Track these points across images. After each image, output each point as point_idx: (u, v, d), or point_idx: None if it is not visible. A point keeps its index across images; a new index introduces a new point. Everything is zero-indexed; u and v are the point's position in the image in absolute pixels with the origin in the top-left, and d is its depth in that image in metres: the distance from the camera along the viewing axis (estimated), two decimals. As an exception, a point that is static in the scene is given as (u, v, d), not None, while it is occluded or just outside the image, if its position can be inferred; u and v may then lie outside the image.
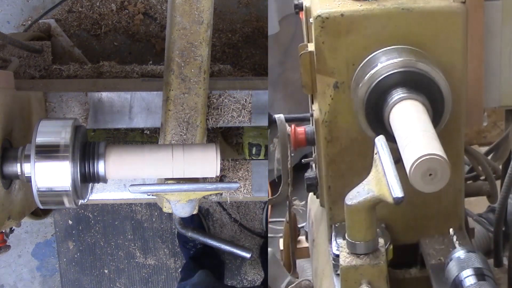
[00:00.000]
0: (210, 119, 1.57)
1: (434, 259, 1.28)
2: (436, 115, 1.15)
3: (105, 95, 1.57)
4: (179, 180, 1.21)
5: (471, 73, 1.22)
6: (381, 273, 1.14)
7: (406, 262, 1.37)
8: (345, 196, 1.11)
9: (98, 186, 1.72)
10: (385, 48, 1.17)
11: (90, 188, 1.26)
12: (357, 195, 1.09)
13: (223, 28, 2.58)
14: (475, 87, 1.23)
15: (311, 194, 1.77)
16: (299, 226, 1.99)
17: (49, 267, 2.64)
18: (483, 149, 1.61)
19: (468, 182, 1.51)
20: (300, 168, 1.64)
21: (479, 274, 1.08)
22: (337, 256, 1.21)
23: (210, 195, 1.66)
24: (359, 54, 1.18)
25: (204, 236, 1.54)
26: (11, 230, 1.39)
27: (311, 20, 1.21)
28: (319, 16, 1.17)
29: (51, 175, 1.09)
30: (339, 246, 1.22)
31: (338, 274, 1.21)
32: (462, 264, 1.11)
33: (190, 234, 1.50)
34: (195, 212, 1.53)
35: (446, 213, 1.34)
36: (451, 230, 1.24)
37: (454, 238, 1.21)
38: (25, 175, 1.15)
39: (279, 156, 1.45)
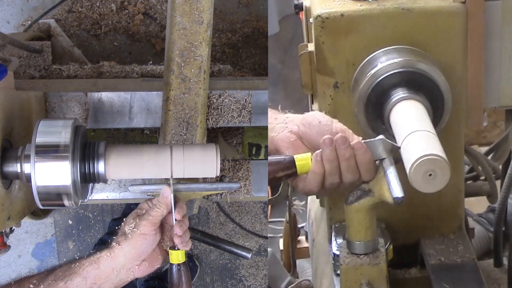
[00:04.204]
0: (210, 119, 1.57)
1: (434, 259, 1.28)
2: (436, 115, 1.15)
3: (105, 95, 1.57)
4: (179, 180, 1.21)
5: (471, 73, 1.21)
6: (381, 273, 1.14)
7: (406, 262, 1.37)
8: (345, 196, 1.11)
9: (98, 186, 1.72)
10: (385, 48, 1.17)
11: (90, 188, 1.26)
12: (357, 195, 1.09)
13: (223, 28, 2.58)
14: (475, 87, 1.23)
15: (311, 194, 1.77)
16: (299, 226, 1.99)
17: (49, 267, 2.64)
18: (483, 149, 1.61)
19: (468, 182, 1.51)
20: (300, 168, 1.63)
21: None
22: (337, 256, 1.21)
23: (211, 195, 1.66)
24: (359, 54, 1.18)
25: (204, 236, 1.54)
26: (11, 230, 1.39)
27: (311, 20, 1.21)
28: (319, 16, 1.17)
29: (51, 175, 1.09)
30: (339, 246, 1.22)
31: (338, 274, 1.21)
32: None
33: (190, 234, 1.50)
34: (195, 212, 1.53)
35: (446, 213, 1.34)
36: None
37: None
38: (25, 175, 1.15)
39: (279, 156, 1.44)
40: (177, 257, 1.17)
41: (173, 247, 1.17)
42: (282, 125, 1.15)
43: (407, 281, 1.35)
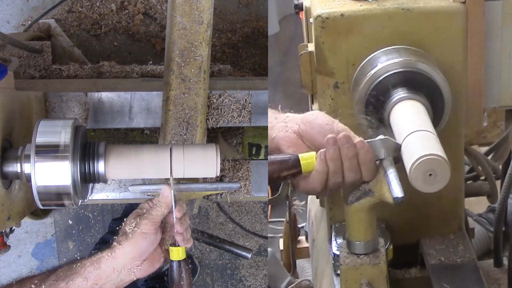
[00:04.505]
0: (210, 119, 1.57)
1: (434, 259, 1.28)
2: (436, 115, 1.15)
3: (105, 95, 1.57)
4: (179, 180, 1.21)
5: (471, 73, 1.21)
6: (381, 273, 1.14)
7: (406, 262, 1.37)
8: (345, 196, 1.11)
9: (98, 186, 1.72)
10: (385, 48, 1.17)
11: (90, 188, 1.26)
12: (357, 195, 1.09)
13: (223, 28, 2.58)
14: (475, 87, 1.23)
15: (311, 194, 1.77)
16: (299, 226, 1.99)
17: (49, 267, 2.64)
18: (483, 149, 1.61)
19: (468, 182, 1.51)
20: (300, 168, 1.63)
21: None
22: (337, 256, 1.21)
23: (211, 195, 1.66)
24: (359, 54, 1.18)
25: (204, 236, 1.54)
26: (11, 230, 1.39)
27: (311, 20, 1.21)
28: (319, 16, 1.17)
29: (51, 175, 1.09)
30: (339, 246, 1.22)
31: (338, 274, 1.21)
32: None
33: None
34: (195, 212, 1.53)
35: (446, 213, 1.34)
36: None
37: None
38: (25, 175, 1.15)
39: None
40: (177, 254, 1.17)
41: (174, 244, 1.17)
42: (282, 124, 1.15)
43: (407, 281, 1.35)
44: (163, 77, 1.48)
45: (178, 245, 1.16)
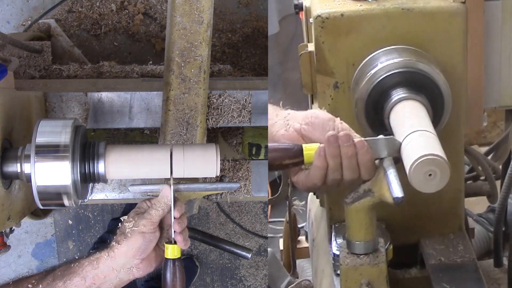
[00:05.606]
0: (210, 119, 1.57)
1: (434, 259, 1.28)
2: (436, 115, 1.15)
3: (105, 95, 1.57)
4: (179, 180, 1.21)
5: (471, 73, 1.22)
6: (381, 273, 1.14)
7: (406, 262, 1.37)
8: (345, 197, 1.11)
9: (98, 186, 1.72)
10: (385, 48, 1.17)
11: (90, 188, 1.26)
12: (357, 195, 1.09)
13: (223, 28, 2.58)
14: (475, 87, 1.23)
15: (311, 194, 1.77)
16: (299, 226, 1.99)
17: (49, 267, 2.64)
18: (483, 149, 1.61)
19: (468, 182, 1.51)
20: (300, 168, 1.63)
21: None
22: (337, 256, 1.21)
23: (211, 195, 1.66)
24: (359, 54, 1.18)
25: (204, 236, 1.54)
26: (11, 230, 1.39)
27: (311, 20, 1.21)
28: (319, 16, 1.17)
29: (51, 175, 1.09)
30: (339, 246, 1.22)
31: (338, 274, 1.21)
32: None
33: (190, 234, 1.49)
34: (195, 212, 1.53)
35: (446, 213, 1.34)
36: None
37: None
38: (25, 175, 1.15)
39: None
40: (173, 252, 1.16)
41: (169, 242, 1.16)
42: (283, 121, 1.15)
43: (407, 281, 1.35)
44: (163, 77, 1.48)
45: (174, 243, 1.16)
